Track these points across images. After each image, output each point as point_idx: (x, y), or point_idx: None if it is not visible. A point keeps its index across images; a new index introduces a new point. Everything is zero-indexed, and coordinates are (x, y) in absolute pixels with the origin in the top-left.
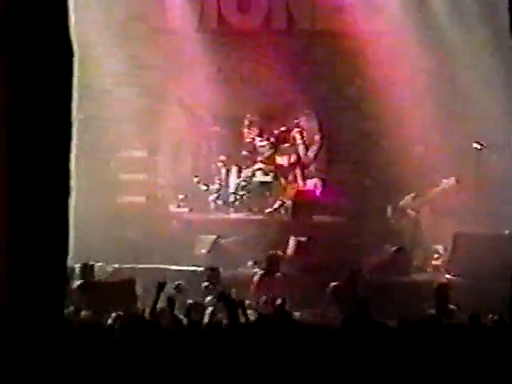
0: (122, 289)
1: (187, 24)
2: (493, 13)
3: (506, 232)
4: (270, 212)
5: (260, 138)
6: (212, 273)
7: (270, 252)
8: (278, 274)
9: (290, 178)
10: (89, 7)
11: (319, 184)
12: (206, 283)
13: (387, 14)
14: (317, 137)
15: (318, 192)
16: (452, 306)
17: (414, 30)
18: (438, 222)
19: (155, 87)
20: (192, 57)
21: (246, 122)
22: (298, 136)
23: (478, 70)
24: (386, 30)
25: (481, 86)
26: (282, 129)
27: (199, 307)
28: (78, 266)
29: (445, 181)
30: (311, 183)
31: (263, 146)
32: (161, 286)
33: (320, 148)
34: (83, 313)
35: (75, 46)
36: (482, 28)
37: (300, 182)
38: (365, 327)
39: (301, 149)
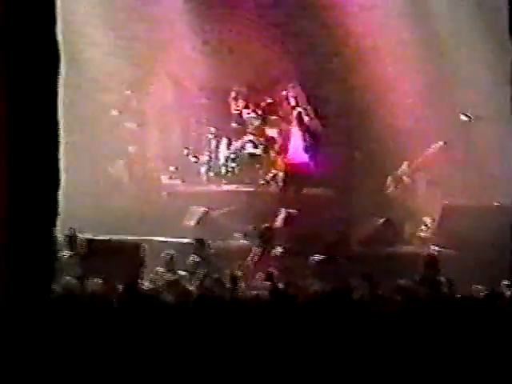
0: (128, 254)
1: None
2: None
3: (495, 203)
4: (262, 184)
5: (247, 110)
6: (200, 245)
7: (263, 226)
8: (274, 249)
9: (281, 149)
10: None
11: (316, 155)
12: (193, 256)
13: None
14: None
15: (310, 164)
16: (441, 278)
17: (401, 2)
18: (428, 194)
19: (142, 59)
20: (179, 28)
21: (233, 94)
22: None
23: (466, 41)
24: (372, 2)
25: (469, 57)
26: (269, 100)
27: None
28: (63, 236)
29: (434, 145)
30: (306, 155)
31: (251, 118)
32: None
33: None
34: (89, 281)
35: (59, 19)
36: (468, 3)
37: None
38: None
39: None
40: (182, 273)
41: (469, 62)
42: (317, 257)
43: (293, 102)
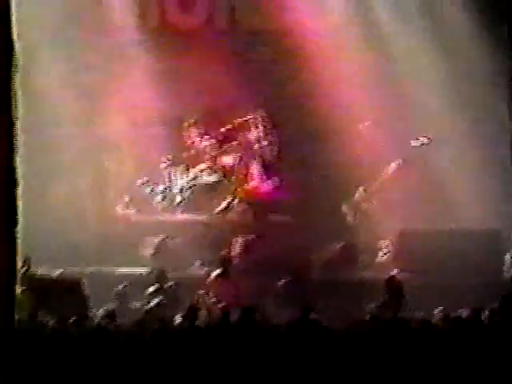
0: (70, 290)
1: (128, 23)
2: (432, 9)
3: (450, 227)
4: (218, 212)
5: (203, 138)
6: (157, 275)
7: (221, 253)
8: (231, 275)
9: (241, 176)
10: (29, 7)
11: (274, 182)
12: (152, 287)
13: (329, 13)
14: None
15: (274, 190)
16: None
17: (356, 28)
18: (385, 219)
19: (96, 88)
20: (133, 56)
21: (188, 123)
22: (254, 131)
23: (420, 65)
24: (328, 28)
25: (422, 81)
26: (225, 128)
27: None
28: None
29: (392, 164)
30: (266, 181)
31: (207, 146)
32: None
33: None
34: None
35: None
36: (422, 24)
37: (258, 179)
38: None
39: (263, 145)
40: (138, 304)
41: (422, 86)
42: (279, 282)
43: (249, 129)
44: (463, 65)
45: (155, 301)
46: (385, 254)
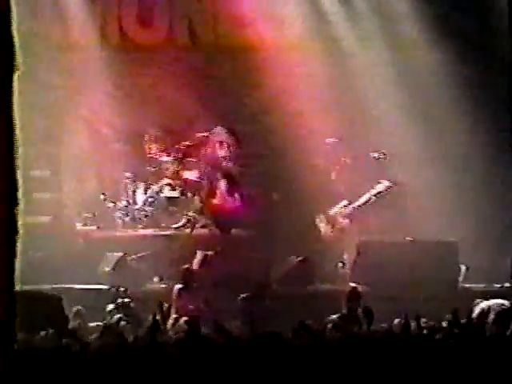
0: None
1: (89, 40)
2: (391, 26)
3: (408, 239)
4: (179, 227)
5: (164, 154)
6: (117, 291)
7: (182, 268)
8: (192, 289)
9: (204, 191)
10: None
11: (237, 197)
12: (111, 304)
13: (289, 28)
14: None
15: (237, 206)
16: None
17: (316, 43)
18: (345, 231)
19: (56, 106)
20: (94, 73)
21: (148, 138)
22: (218, 147)
23: (379, 80)
24: (288, 43)
25: (381, 96)
26: (186, 143)
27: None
28: None
29: (379, 185)
30: (229, 196)
31: (168, 162)
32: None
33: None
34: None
35: None
36: (380, 40)
37: (221, 194)
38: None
39: (225, 159)
40: (99, 321)
41: (382, 101)
42: (239, 297)
43: (210, 145)
44: (423, 79)
45: (115, 318)
46: (343, 265)
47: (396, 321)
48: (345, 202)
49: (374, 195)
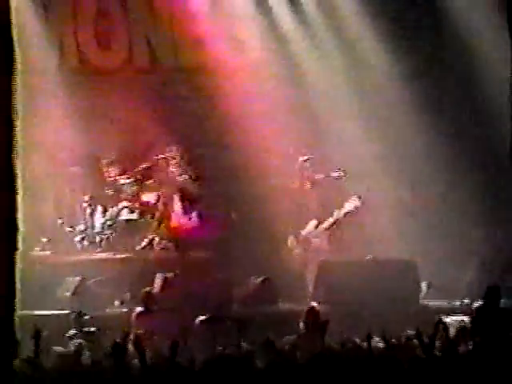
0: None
1: (47, 63)
2: (350, 44)
3: (368, 257)
4: (139, 250)
5: (122, 177)
6: (77, 316)
7: (142, 291)
8: (153, 312)
9: (163, 213)
10: None
11: (196, 219)
12: (73, 329)
13: (247, 49)
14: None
15: (195, 227)
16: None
17: (274, 63)
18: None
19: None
20: (51, 96)
21: (106, 161)
22: (173, 168)
23: (334, 99)
24: (247, 64)
25: (338, 114)
26: (144, 165)
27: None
28: None
29: (348, 203)
30: (188, 218)
31: (126, 184)
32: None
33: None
34: None
35: None
36: (339, 58)
37: (180, 216)
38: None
39: (183, 181)
40: (59, 348)
41: (340, 119)
42: (199, 319)
43: (168, 166)
44: (381, 98)
45: (76, 343)
46: (306, 285)
47: (357, 339)
48: (315, 222)
49: (344, 214)
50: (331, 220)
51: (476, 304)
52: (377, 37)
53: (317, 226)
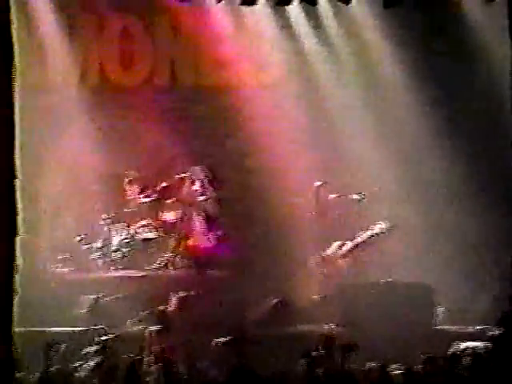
0: None
1: (68, 81)
2: (371, 68)
3: (382, 281)
4: (156, 268)
5: (143, 195)
6: (93, 334)
7: (158, 309)
8: (169, 331)
9: (182, 232)
10: None
11: (215, 238)
12: (89, 347)
13: (269, 70)
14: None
15: (215, 246)
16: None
17: (295, 84)
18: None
19: (33, 147)
20: (72, 114)
21: (127, 180)
22: (198, 187)
23: (357, 121)
24: (268, 85)
25: (360, 137)
26: (165, 184)
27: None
28: None
29: (377, 225)
30: (208, 237)
31: (147, 203)
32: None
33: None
34: None
35: None
36: (358, 81)
37: (200, 235)
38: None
39: (204, 201)
40: (76, 364)
41: (360, 141)
42: (215, 340)
43: (189, 185)
44: (401, 119)
45: (93, 361)
46: (320, 306)
47: (371, 363)
48: (338, 243)
49: (369, 237)
50: (356, 241)
51: (492, 331)
52: (399, 62)
53: (340, 247)
